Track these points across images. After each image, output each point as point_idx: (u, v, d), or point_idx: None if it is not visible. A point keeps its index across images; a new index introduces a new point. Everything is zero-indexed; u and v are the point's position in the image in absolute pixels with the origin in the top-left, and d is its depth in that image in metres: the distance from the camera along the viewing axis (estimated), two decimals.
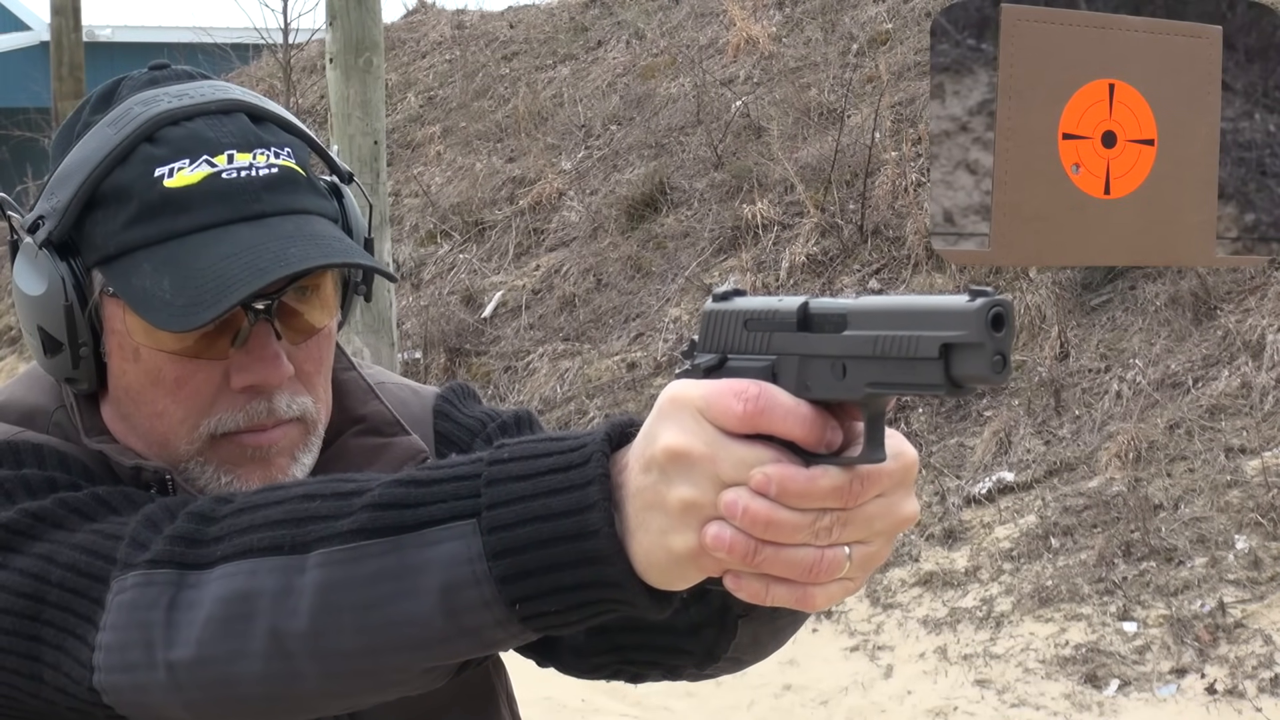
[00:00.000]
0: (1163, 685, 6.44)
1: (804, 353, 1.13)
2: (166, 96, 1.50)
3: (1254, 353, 7.91)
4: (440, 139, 14.28)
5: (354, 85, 7.20)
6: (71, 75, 16.34)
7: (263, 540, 1.28)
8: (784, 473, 1.10)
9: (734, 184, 11.23)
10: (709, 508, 1.12)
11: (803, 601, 1.14)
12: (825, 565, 1.12)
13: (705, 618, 1.45)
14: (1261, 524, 6.97)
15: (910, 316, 1.07)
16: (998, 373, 1.04)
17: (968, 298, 1.04)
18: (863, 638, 7.37)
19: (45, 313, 1.49)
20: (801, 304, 1.14)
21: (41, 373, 1.57)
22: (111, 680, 1.32)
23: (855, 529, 1.13)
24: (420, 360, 11.31)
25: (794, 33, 12.81)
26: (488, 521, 1.19)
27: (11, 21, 25.00)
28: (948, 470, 8.28)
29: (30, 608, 1.36)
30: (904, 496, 1.15)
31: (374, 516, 1.23)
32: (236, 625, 1.27)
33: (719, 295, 1.21)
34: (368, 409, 1.63)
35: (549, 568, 1.17)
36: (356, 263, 1.48)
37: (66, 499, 1.40)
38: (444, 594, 1.20)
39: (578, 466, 1.17)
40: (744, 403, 1.11)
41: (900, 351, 1.07)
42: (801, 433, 1.12)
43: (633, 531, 1.15)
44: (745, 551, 1.11)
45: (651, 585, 1.17)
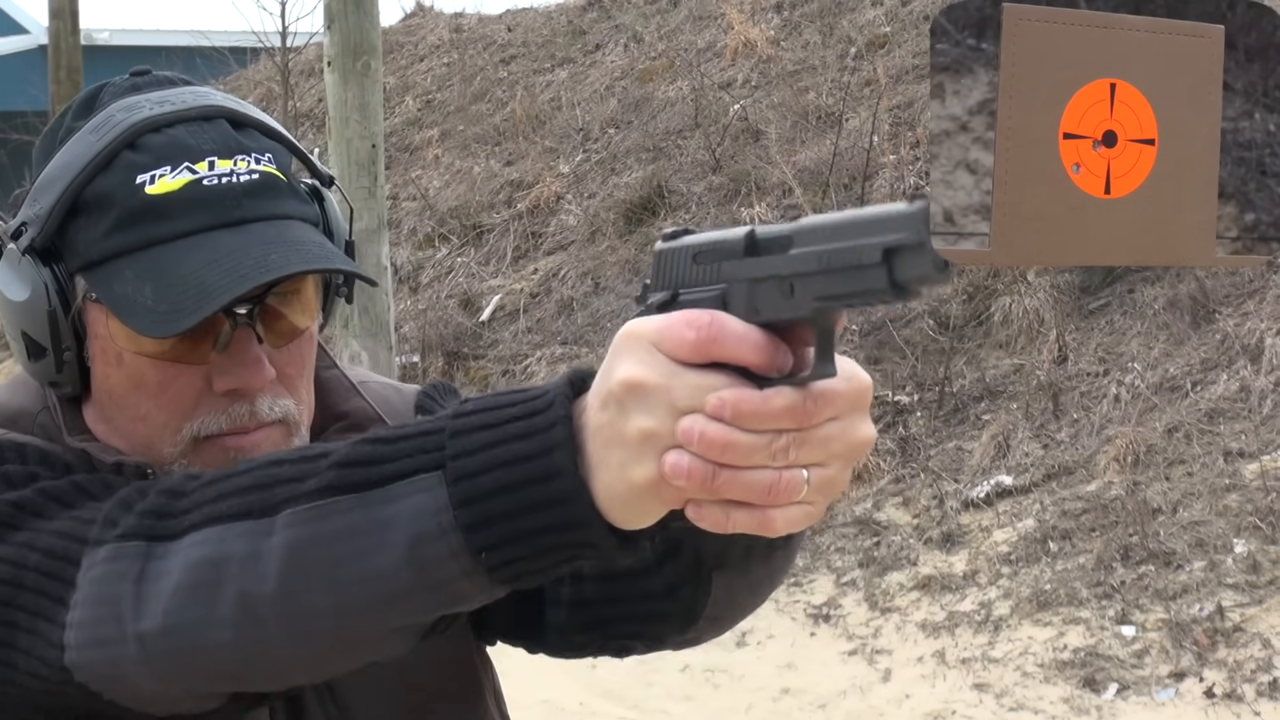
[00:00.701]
0: (1161, 689, 6.44)
1: (753, 276, 1.14)
2: (148, 103, 1.52)
3: (1252, 356, 7.91)
4: (438, 142, 14.28)
5: (352, 89, 7.20)
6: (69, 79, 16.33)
7: (231, 507, 1.29)
8: (738, 395, 1.11)
9: (732, 187, 11.24)
10: (667, 436, 1.13)
11: (763, 525, 1.14)
12: (783, 486, 1.13)
13: (680, 576, 1.47)
14: (1260, 528, 6.97)
15: (853, 227, 1.08)
16: (940, 272, 1.04)
17: (907, 202, 1.06)
18: (861, 641, 7.37)
19: (29, 318, 1.51)
20: (748, 231, 1.16)
21: (27, 377, 1.59)
22: (84, 656, 1.33)
23: (811, 450, 1.14)
24: (418, 363, 11.31)
25: (792, 36, 12.81)
26: (453, 472, 1.19)
27: (9, 25, 25.01)
28: (946, 474, 8.28)
29: (7, 594, 1.37)
30: (859, 419, 1.16)
31: (340, 474, 1.24)
32: (205, 592, 1.27)
33: (668, 235, 1.22)
34: (350, 405, 1.64)
35: (514, 512, 1.18)
36: (335, 268, 1.50)
37: (46, 488, 1.42)
38: (411, 546, 1.20)
39: (541, 412, 1.18)
40: (696, 330, 1.12)
41: (844, 262, 1.08)
42: (754, 357, 1.13)
43: (594, 469, 1.16)
44: (704, 477, 1.12)
45: (617, 526, 1.18)
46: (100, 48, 22.81)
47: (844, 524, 8.26)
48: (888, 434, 8.75)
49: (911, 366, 9.12)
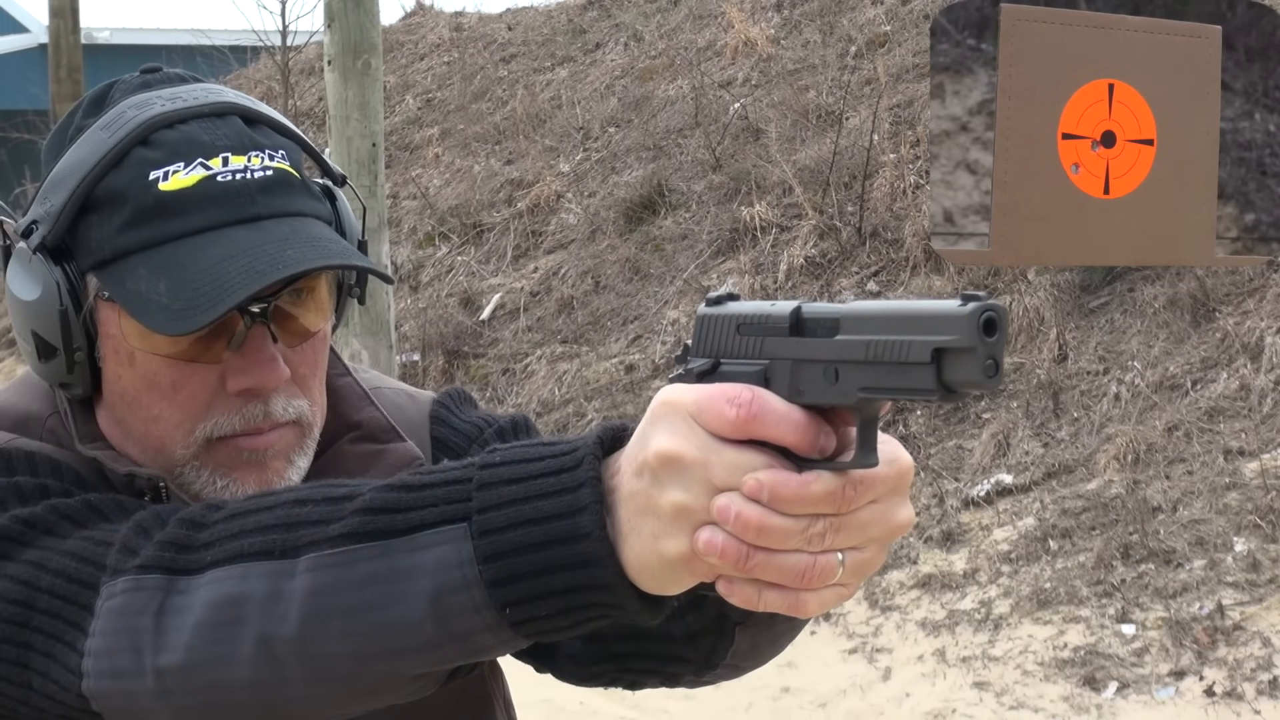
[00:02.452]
0: (1161, 687, 6.44)
1: (797, 357, 1.13)
2: (160, 100, 1.50)
3: (1252, 355, 7.91)
4: (438, 141, 14.28)
5: (352, 87, 7.20)
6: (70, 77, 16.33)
7: (253, 545, 1.27)
8: (776, 478, 1.10)
9: (732, 186, 11.23)
10: (701, 512, 1.12)
11: (795, 607, 1.13)
12: (818, 571, 1.12)
13: (702, 625, 1.45)
14: (1260, 526, 6.97)
15: (902, 321, 1.07)
16: (990, 377, 1.03)
17: (960, 302, 1.04)
18: (861, 640, 7.37)
19: (39, 318, 1.49)
20: (794, 308, 1.14)
21: (36, 379, 1.56)
22: (100, 687, 1.31)
23: (848, 535, 1.12)
24: (418, 362, 11.31)
25: (792, 35, 12.81)
26: (478, 525, 1.18)
27: (10, 24, 25.01)
28: (946, 472, 8.28)
29: (20, 614, 1.35)
30: (898, 503, 1.15)
31: (364, 520, 1.22)
32: (225, 630, 1.26)
33: (712, 300, 1.21)
34: (363, 415, 1.62)
35: (540, 571, 1.16)
36: (353, 264, 1.48)
37: (58, 505, 1.39)
38: (434, 598, 1.19)
39: (570, 470, 1.17)
40: (737, 408, 1.11)
41: (892, 356, 1.07)
42: (794, 438, 1.12)
43: (625, 535, 1.15)
44: (737, 557, 1.11)
45: (643, 590, 1.16)
46: (100, 46, 22.81)
47: None
48: (888, 432, 8.73)
49: None
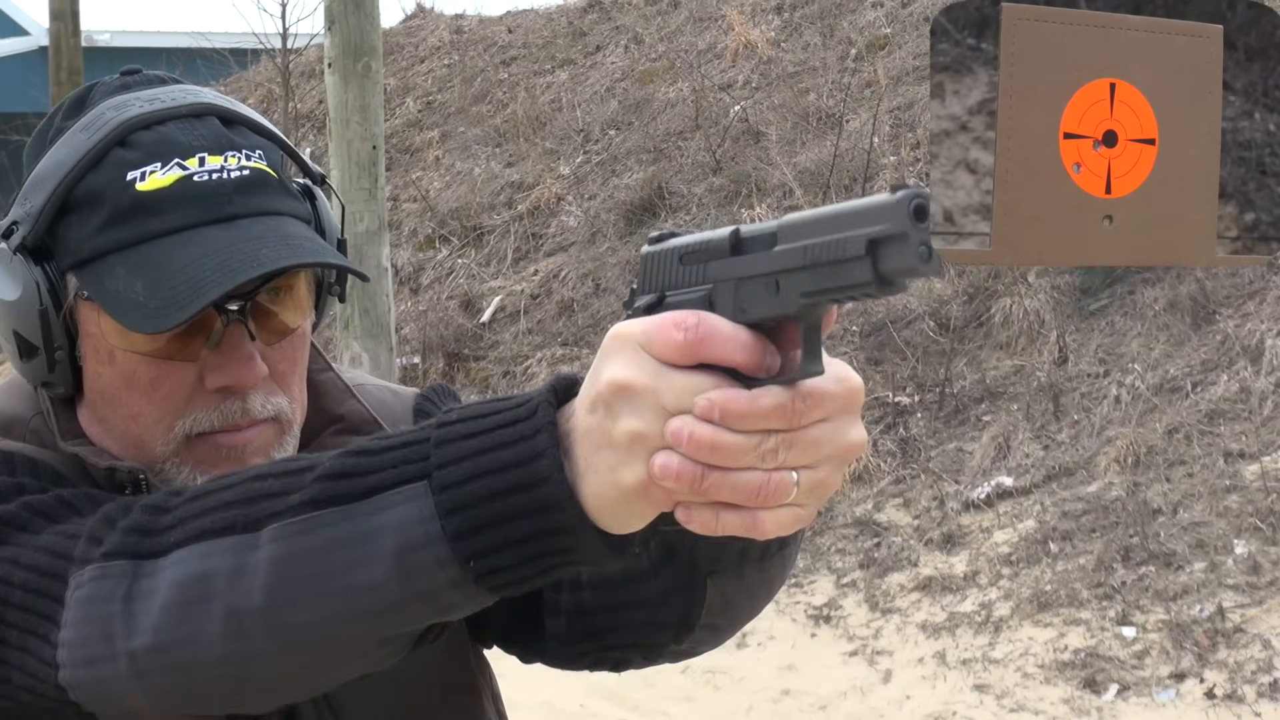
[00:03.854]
0: (1161, 690, 6.44)
1: (738, 275, 1.14)
2: (138, 101, 1.52)
3: (1253, 357, 7.91)
4: (439, 144, 14.29)
5: (352, 90, 7.20)
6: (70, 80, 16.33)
7: (216, 522, 1.28)
8: (726, 396, 1.11)
9: (732, 189, 11.24)
10: (655, 438, 1.12)
11: (752, 527, 1.14)
12: (773, 488, 1.12)
13: (674, 583, 1.46)
14: (1260, 529, 6.97)
15: (835, 220, 1.07)
16: (925, 262, 1.03)
17: (889, 193, 1.04)
18: (861, 643, 7.37)
19: (20, 318, 1.51)
20: (733, 230, 1.15)
21: (21, 382, 1.58)
22: (75, 676, 1.33)
23: (801, 451, 1.13)
24: (419, 365, 11.31)
25: (792, 37, 12.82)
26: (438, 481, 1.19)
27: (10, 26, 25.02)
28: (946, 475, 8.28)
29: None
30: (850, 421, 1.15)
31: (325, 487, 1.24)
32: (193, 609, 1.27)
33: (654, 238, 1.22)
34: (346, 408, 1.64)
35: (501, 520, 1.17)
36: (328, 262, 1.49)
37: (31, 502, 1.41)
38: (398, 557, 1.20)
39: (525, 419, 1.18)
40: (683, 332, 1.12)
41: (829, 256, 1.07)
42: (742, 357, 1.12)
43: (583, 473, 1.16)
44: (693, 478, 1.11)
45: (605, 530, 1.17)
46: (101, 49, 22.82)
47: (844, 525, 8.26)
48: (888, 435, 8.75)
49: (912, 368, 9.12)
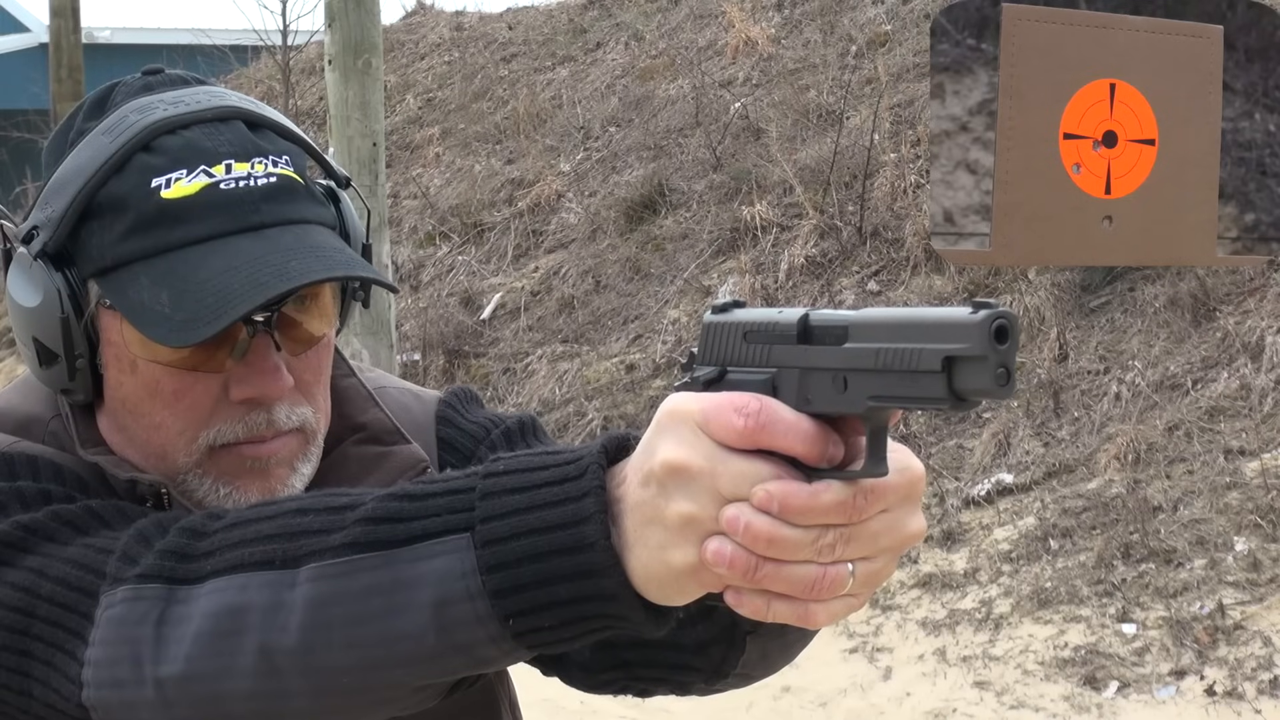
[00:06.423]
0: (1162, 687, 6.44)
1: (805, 365, 1.11)
2: (162, 104, 1.48)
3: (1253, 354, 7.91)
4: (439, 141, 14.28)
5: (353, 87, 7.20)
6: (70, 77, 16.34)
7: (253, 555, 1.26)
8: (786, 489, 1.09)
9: (733, 186, 11.23)
10: (709, 523, 1.10)
11: (804, 618, 1.12)
12: (828, 582, 1.11)
13: (713, 635, 1.43)
14: (1260, 526, 6.97)
15: (912, 329, 1.05)
16: (1001, 386, 1.02)
17: (970, 309, 1.03)
18: (861, 639, 7.37)
19: (41, 324, 1.47)
20: (802, 316, 1.12)
21: (36, 380, 1.55)
22: (100, 696, 1.30)
23: (859, 545, 1.11)
24: (419, 362, 11.31)
25: (793, 34, 12.81)
26: (481, 535, 1.16)
27: (10, 23, 25.01)
28: (946, 472, 8.28)
29: (20, 622, 1.34)
30: (909, 512, 1.13)
31: (366, 530, 1.21)
32: (226, 641, 1.25)
33: (718, 307, 1.19)
34: (368, 417, 1.61)
35: (543, 581, 1.15)
36: (357, 275, 1.46)
37: (60, 511, 1.39)
38: (436, 609, 1.17)
39: (574, 479, 1.15)
40: (744, 417, 1.09)
41: (902, 364, 1.05)
42: (803, 448, 1.10)
43: (631, 545, 1.13)
44: (746, 568, 1.10)
45: (650, 600, 1.15)
46: (101, 46, 22.81)
47: None
48: None
49: None
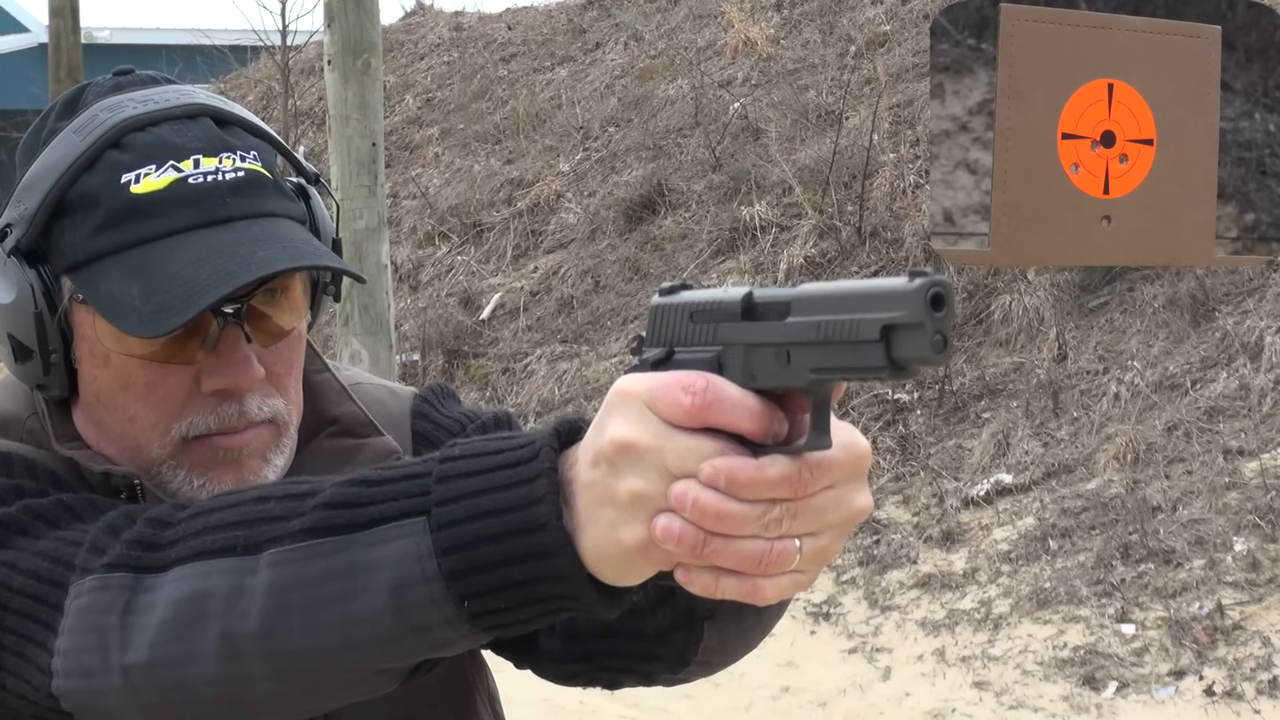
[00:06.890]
0: (1161, 687, 6.44)
1: (749, 342, 1.13)
2: (131, 102, 1.51)
3: (1252, 354, 7.91)
4: (438, 141, 14.29)
5: (352, 87, 7.20)
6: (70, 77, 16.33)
7: (216, 542, 1.28)
8: (732, 464, 1.10)
9: (732, 186, 11.24)
10: (658, 499, 1.11)
11: (752, 594, 1.13)
12: (775, 557, 1.12)
13: (672, 621, 1.46)
14: (1260, 526, 6.97)
15: (852, 300, 1.07)
16: (938, 352, 1.03)
17: (907, 278, 1.04)
18: (861, 640, 7.37)
19: (15, 320, 1.50)
20: (746, 293, 1.14)
21: (15, 381, 1.57)
22: (69, 685, 1.32)
23: (806, 520, 1.12)
24: (418, 362, 11.31)
25: (792, 34, 12.81)
26: (437, 518, 1.18)
27: (10, 23, 25.02)
28: (945, 472, 8.28)
29: None
30: (856, 488, 1.15)
31: (325, 515, 1.23)
32: (189, 627, 1.27)
33: (665, 290, 1.21)
34: (341, 410, 1.63)
35: (498, 563, 1.16)
36: (324, 264, 1.49)
37: (31, 505, 1.41)
38: (393, 592, 1.19)
39: (526, 462, 1.17)
40: (691, 395, 1.11)
41: (842, 335, 1.07)
42: (749, 424, 1.11)
43: (583, 525, 1.15)
44: (694, 543, 1.11)
45: (603, 581, 1.17)
46: (101, 46, 22.81)
47: None
48: (887, 432, 8.76)
49: None
